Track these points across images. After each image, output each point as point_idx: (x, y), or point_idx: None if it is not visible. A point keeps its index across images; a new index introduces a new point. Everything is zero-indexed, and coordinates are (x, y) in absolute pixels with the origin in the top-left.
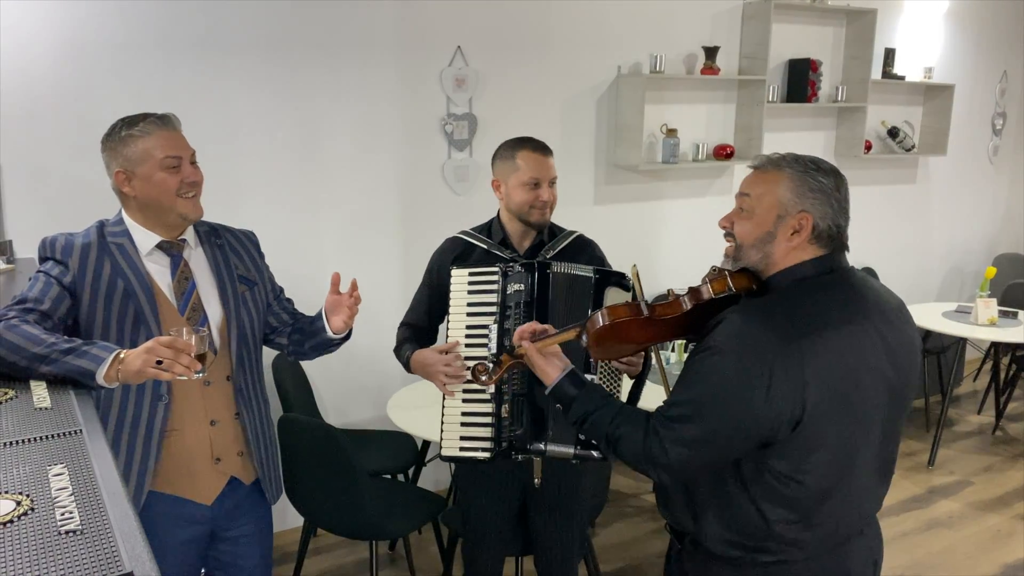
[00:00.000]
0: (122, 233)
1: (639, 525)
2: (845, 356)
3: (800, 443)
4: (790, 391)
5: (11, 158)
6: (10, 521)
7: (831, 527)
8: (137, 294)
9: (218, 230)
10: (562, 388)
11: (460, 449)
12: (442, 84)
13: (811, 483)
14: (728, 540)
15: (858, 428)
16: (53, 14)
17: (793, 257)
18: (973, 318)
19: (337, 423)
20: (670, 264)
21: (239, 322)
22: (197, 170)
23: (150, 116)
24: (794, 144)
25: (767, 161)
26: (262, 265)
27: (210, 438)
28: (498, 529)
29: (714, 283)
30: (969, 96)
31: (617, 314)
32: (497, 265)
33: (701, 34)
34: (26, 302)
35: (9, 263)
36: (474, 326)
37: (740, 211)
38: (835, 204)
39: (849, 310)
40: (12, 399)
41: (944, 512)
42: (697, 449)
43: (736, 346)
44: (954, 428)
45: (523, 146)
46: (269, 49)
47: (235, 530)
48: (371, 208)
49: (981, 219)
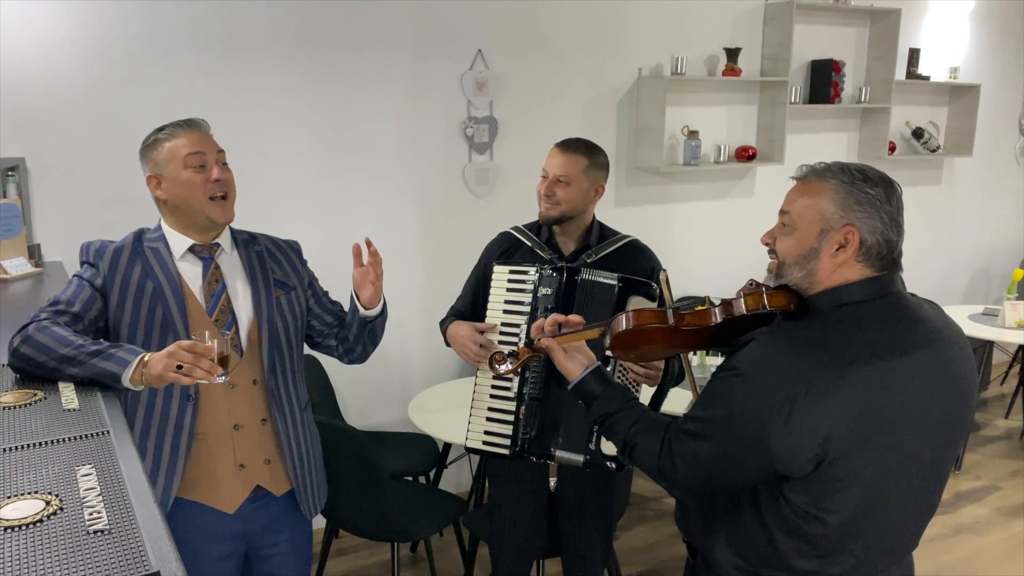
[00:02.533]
0: (158, 239)
1: (661, 529)
2: (884, 394)
3: (824, 482)
4: (812, 428)
5: (39, 161)
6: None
7: (852, 565)
8: (166, 295)
9: (257, 238)
10: (585, 385)
11: (483, 443)
12: (463, 87)
13: (833, 522)
14: (737, 566)
15: (895, 471)
16: (79, 16)
17: (839, 276)
18: (1000, 321)
19: (359, 425)
20: (692, 267)
21: (271, 325)
22: (225, 169)
23: (179, 120)
24: (817, 145)
25: (810, 171)
26: (303, 272)
27: (233, 443)
28: (524, 530)
29: (748, 298)
30: (995, 96)
31: (641, 319)
32: (535, 266)
33: (722, 36)
34: (58, 304)
35: (37, 266)
36: (508, 323)
37: (782, 226)
38: (885, 217)
39: (894, 343)
40: (41, 400)
41: (971, 517)
42: (707, 469)
43: (760, 372)
44: (981, 432)
45: (558, 143)
46: (290, 54)
47: (270, 548)
48: (392, 211)
49: (1008, 220)
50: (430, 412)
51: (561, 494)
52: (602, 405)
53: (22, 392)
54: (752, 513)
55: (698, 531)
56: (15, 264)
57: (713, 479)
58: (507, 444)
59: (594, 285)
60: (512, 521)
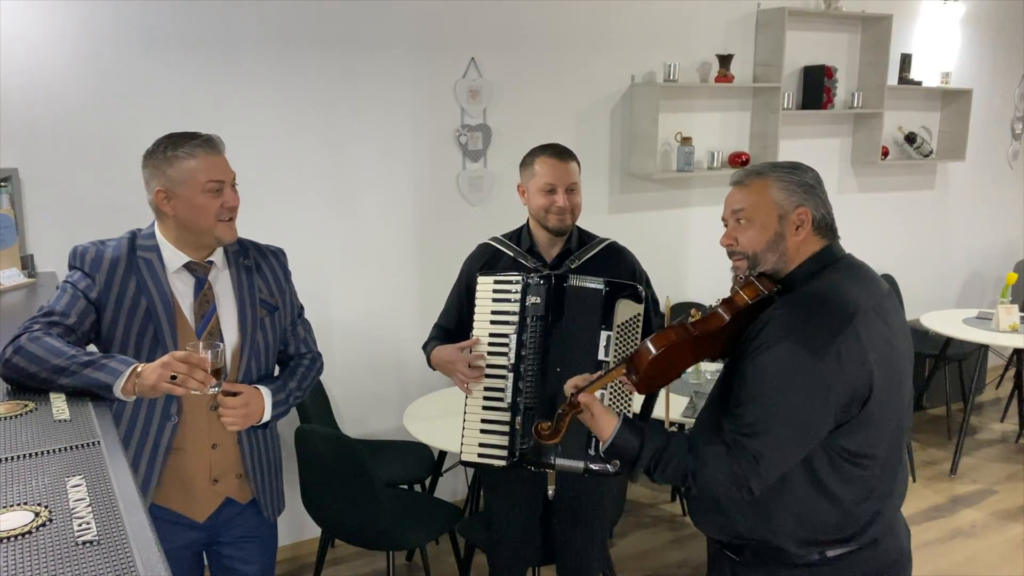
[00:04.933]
0: (152, 248)
1: (657, 535)
2: (883, 332)
3: (869, 418)
4: (857, 363)
5: (32, 172)
6: (29, 532)
7: (895, 497)
8: (158, 313)
9: (248, 249)
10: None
11: (478, 455)
12: (456, 95)
13: (882, 454)
14: (802, 539)
15: (901, 398)
16: (73, 28)
17: (804, 251)
18: (995, 325)
19: (354, 433)
20: (686, 273)
21: (253, 346)
22: (236, 195)
23: (197, 138)
24: (810, 151)
25: (747, 173)
26: (286, 287)
27: (210, 461)
28: (521, 537)
29: (746, 289)
30: (987, 101)
31: (666, 340)
32: (519, 275)
33: (715, 42)
34: (52, 315)
35: (30, 277)
36: (496, 334)
37: (738, 224)
38: (820, 195)
39: (869, 291)
40: (32, 411)
41: (967, 521)
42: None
43: (796, 332)
44: (977, 436)
45: (543, 152)
46: (284, 62)
47: (230, 535)
48: (386, 219)
49: (1002, 225)
50: (425, 420)
51: (556, 501)
52: (651, 446)
53: (12, 403)
54: (806, 481)
55: (750, 522)
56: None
57: (787, 460)
58: (503, 455)
59: (582, 291)
60: (508, 529)
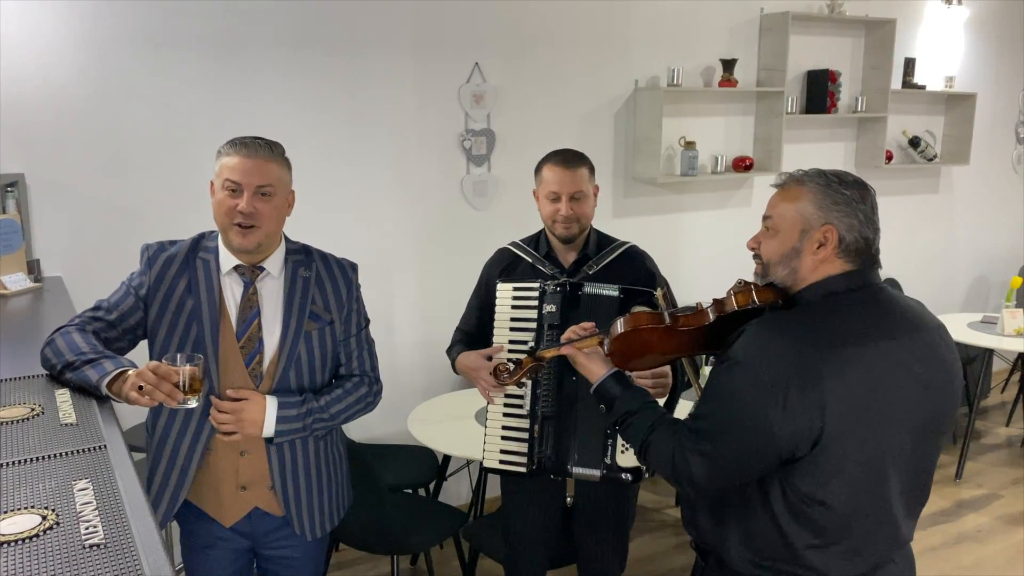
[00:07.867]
0: (213, 249)
1: (662, 539)
2: (870, 375)
3: (822, 463)
4: (807, 406)
5: (38, 177)
6: (36, 535)
7: (857, 554)
8: (202, 315)
9: (312, 259)
10: (607, 386)
11: (500, 462)
12: (460, 100)
13: (836, 507)
14: (752, 561)
15: (885, 454)
16: (78, 32)
17: (821, 272)
18: (1000, 329)
19: (358, 437)
20: (690, 277)
21: (292, 357)
22: (260, 201)
23: (247, 139)
24: (814, 155)
25: (789, 178)
26: (348, 302)
27: (238, 467)
28: (539, 541)
29: (738, 295)
30: (991, 104)
31: (638, 321)
32: (538, 282)
33: (719, 47)
34: (99, 309)
35: (37, 282)
36: (516, 341)
37: (766, 230)
38: (861, 216)
39: (878, 328)
40: (39, 415)
41: (972, 526)
42: (718, 463)
43: (753, 358)
44: (982, 440)
45: (551, 159)
46: (288, 66)
47: (270, 549)
48: (390, 224)
49: (1006, 229)
50: (429, 424)
51: (577, 506)
52: (624, 403)
53: (20, 407)
54: (761, 505)
55: (709, 530)
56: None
57: (724, 473)
58: (524, 462)
59: (597, 298)
60: (527, 534)
